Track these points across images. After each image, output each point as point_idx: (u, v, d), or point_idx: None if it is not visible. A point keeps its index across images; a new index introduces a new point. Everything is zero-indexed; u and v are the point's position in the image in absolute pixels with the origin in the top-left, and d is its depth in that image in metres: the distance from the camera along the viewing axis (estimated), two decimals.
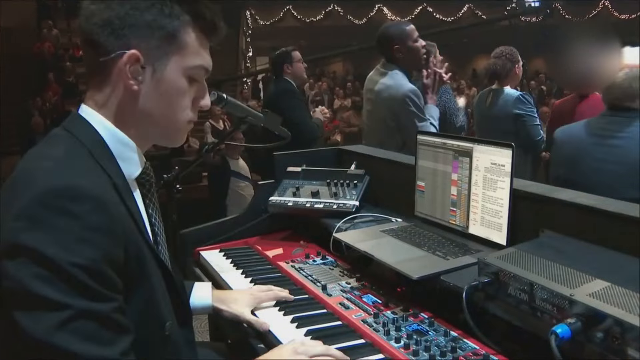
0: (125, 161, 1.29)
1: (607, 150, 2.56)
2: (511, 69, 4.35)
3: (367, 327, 1.62)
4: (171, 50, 1.27)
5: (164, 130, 1.35)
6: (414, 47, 3.67)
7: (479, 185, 1.91)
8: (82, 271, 1.05)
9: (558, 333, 1.20)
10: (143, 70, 1.25)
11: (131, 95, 1.27)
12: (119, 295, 1.13)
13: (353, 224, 2.28)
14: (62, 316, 1.03)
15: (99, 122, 1.27)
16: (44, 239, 1.04)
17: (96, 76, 1.28)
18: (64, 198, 1.07)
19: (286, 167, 2.64)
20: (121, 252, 1.15)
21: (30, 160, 1.20)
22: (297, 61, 4.77)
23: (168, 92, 1.29)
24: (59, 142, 1.24)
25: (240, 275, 2.12)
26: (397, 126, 3.54)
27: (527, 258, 1.49)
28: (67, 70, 15.53)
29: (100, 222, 1.10)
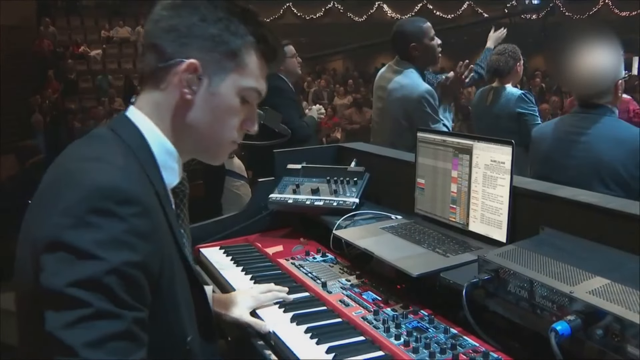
0: (167, 170, 1.29)
1: (575, 147, 2.58)
2: (513, 66, 4.34)
3: (367, 325, 1.62)
4: (230, 67, 1.29)
5: (207, 144, 1.35)
6: (431, 46, 3.66)
7: (479, 183, 1.91)
8: (114, 273, 1.03)
9: (558, 330, 1.20)
10: (199, 81, 1.26)
11: (183, 104, 1.27)
12: (144, 308, 1.10)
13: (353, 221, 2.28)
14: (80, 313, 1.01)
15: (147, 128, 1.27)
16: (85, 238, 1.04)
17: (152, 80, 1.29)
18: (110, 200, 1.07)
19: (286, 165, 2.64)
20: (158, 261, 1.14)
21: (75, 159, 1.20)
22: (290, 56, 4.57)
23: (219, 107, 1.30)
24: (105, 142, 1.24)
25: (240, 273, 2.12)
26: (410, 126, 3.49)
27: (527, 255, 1.49)
28: (68, 68, 15.52)
29: (144, 228, 1.09)
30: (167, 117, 1.28)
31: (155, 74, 1.28)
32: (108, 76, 16.05)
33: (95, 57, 16.98)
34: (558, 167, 2.63)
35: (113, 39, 17.89)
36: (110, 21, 18.17)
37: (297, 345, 1.56)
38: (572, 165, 2.56)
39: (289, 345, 1.57)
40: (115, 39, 17.88)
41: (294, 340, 1.59)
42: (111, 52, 17.59)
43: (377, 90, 3.87)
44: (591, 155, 2.51)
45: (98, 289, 1.02)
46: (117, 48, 17.75)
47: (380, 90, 3.78)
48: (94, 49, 17.24)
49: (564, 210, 1.68)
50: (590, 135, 2.54)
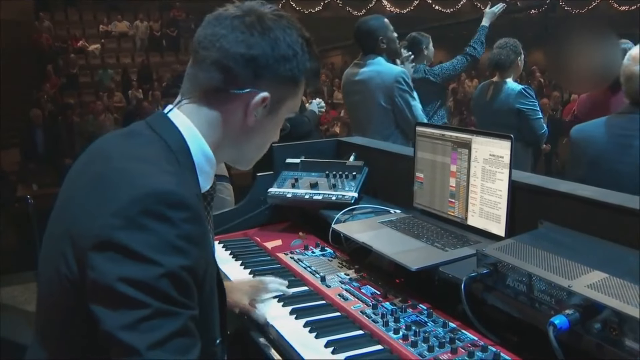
0: (202, 175, 1.29)
1: (627, 152, 2.42)
2: (514, 60, 4.34)
3: (365, 318, 1.63)
4: (289, 95, 1.33)
5: (249, 156, 1.40)
6: (394, 38, 4.05)
7: (478, 177, 1.91)
8: (167, 277, 1.05)
9: (556, 324, 1.20)
10: (264, 109, 1.29)
11: (242, 125, 1.29)
12: (196, 306, 1.12)
13: (352, 216, 2.28)
14: (139, 314, 1.02)
15: (189, 131, 1.27)
16: (137, 240, 1.04)
17: (213, 97, 1.27)
18: (164, 204, 1.07)
19: (285, 159, 2.64)
20: (203, 265, 1.15)
21: (122, 156, 1.19)
22: None
23: (272, 127, 1.36)
24: (150, 143, 1.24)
25: (239, 267, 2.12)
26: (392, 108, 3.86)
27: (526, 249, 1.50)
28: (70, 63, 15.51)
29: (194, 233, 1.10)
30: (218, 131, 1.29)
31: (220, 93, 1.27)
32: (108, 70, 16.04)
33: (94, 52, 16.97)
34: (609, 172, 2.47)
35: (111, 34, 17.87)
36: (109, 15, 18.13)
37: (296, 339, 1.57)
38: (624, 170, 2.41)
39: (287, 339, 1.58)
40: (114, 34, 17.86)
41: (293, 334, 1.60)
42: (110, 47, 17.57)
43: (349, 86, 4.15)
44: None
45: (152, 291, 1.03)
46: (115, 42, 17.74)
47: (354, 85, 4.07)
48: (93, 43, 17.22)
49: (562, 204, 1.68)
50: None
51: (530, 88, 4.42)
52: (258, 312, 1.72)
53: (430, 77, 4.76)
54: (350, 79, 4.12)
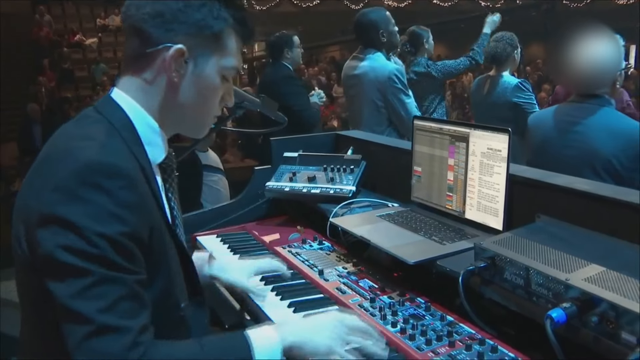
0: (151, 146, 1.34)
1: (571, 137, 2.57)
2: (510, 54, 4.33)
3: (363, 312, 1.63)
4: (213, 49, 1.35)
5: (192, 122, 1.43)
6: (394, 32, 4.02)
7: (476, 170, 1.91)
8: (109, 244, 1.11)
9: (553, 317, 1.21)
10: (185, 65, 1.32)
11: (170, 86, 1.33)
12: (142, 270, 1.18)
13: (350, 209, 2.28)
14: (85, 282, 1.08)
15: (131, 107, 1.33)
16: (77, 211, 1.10)
17: (136, 63, 1.33)
18: (100, 174, 1.13)
19: (283, 153, 2.64)
20: (146, 231, 1.21)
21: (65, 138, 1.25)
22: (296, 46, 4.71)
23: (204, 87, 1.37)
24: (93, 123, 1.29)
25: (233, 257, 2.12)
26: (385, 105, 3.85)
27: (523, 243, 1.50)
28: (64, 57, 15.45)
29: (131, 200, 1.16)
30: (154, 99, 1.34)
31: (140, 58, 1.32)
32: (100, 64, 15.98)
33: (91, 46, 16.92)
34: (553, 156, 2.62)
35: (109, 28, 17.81)
36: (106, 9, 18.08)
37: None
38: (566, 154, 2.56)
39: None
40: (111, 28, 17.80)
41: None
42: (107, 41, 17.52)
43: (346, 80, 4.15)
44: (585, 146, 2.50)
45: (95, 258, 1.09)
46: (112, 36, 17.68)
47: (351, 79, 4.06)
48: (90, 37, 17.17)
49: (560, 198, 1.68)
50: (585, 125, 2.54)
51: (526, 81, 4.41)
52: (257, 290, 1.75)
53: (433, 72, 4.78)
54: (348, 73, 4.12)
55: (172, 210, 1.44)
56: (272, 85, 4.60)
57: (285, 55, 4.66)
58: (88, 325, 1.07)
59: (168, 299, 1.30)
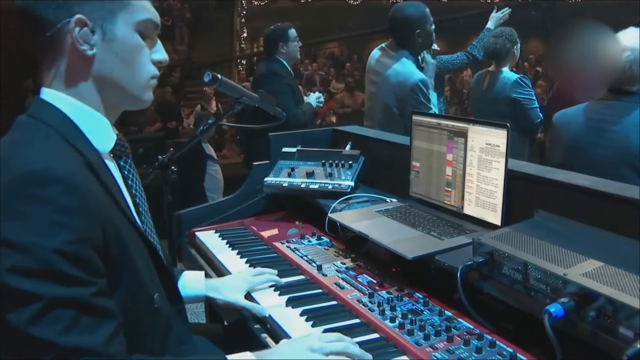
0: (96, 135, 1.26)
1: (605, 137, 2.50)
2: (510, 50, 4.33)
3: (362, 307, 1.63)
4: (115, 8, 1.25)
5: (128, 91, 1.31)
6: (431, 31, 3.62)
7: (474, 166, 1.91)
8: (59, 256, 1.03)
9: (551, 312, 1.21)
10: (93, 35, 1.23)
11: (86, 62, 1.24)
12: (99, 279, 1.11)
13: (348, 205, 2.28)
14: (37, 307, 1.01)
15: (62, 101, 1.24)
16: (15, 228, 1.02)
17: (46, 54, 1.25)
18: (31, 184, 1.05)
19: (281, 148, 2.64)
20: (99, 232, 1.13)
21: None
22: (292, 40, 4.53)
23: (124, 50, 1.27)
24: (24, 129, 1.22)
25: (235, 256, 2.12)
26: (401, 114, 3.50)
27: (522, 238, 1.50)
28: None
29: (72, 204, 1.07)
30: (77, 82, 1.25)
31: (46, 46, 1.24)
32: None
33: None
34: (585, 156, 2.55)
35: None
36: None
37: (293, 328, 1.57)
38: (600, 154, 2.49)
39: (284, 328, 1.58)
40: None
41: (290, 323, 1.60)
42: None
43: (370, 73, 3.80)
44: (624, 145, 2.43)
45: (45, 275, 1.02)
46: None
47: (374, 75, 3.73)
48: None
49: (558, 193, 1.68)
50: (622, 124, 2.46)
51: (526, 77, 4.41)
52: (257, 307, 1.71)
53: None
54: (375, 68, 3.74)
55: (133, 198, 1.37)
56: (259, 81, 4.46)
57: (280, 50, 4.49)
58: (53, 351, 1.01)
59: (138, 292, 1.24)
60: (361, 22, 16.82)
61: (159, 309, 1.31)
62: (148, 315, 1.28)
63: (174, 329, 1.40)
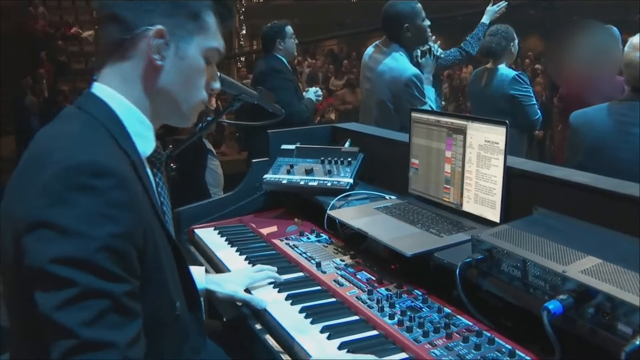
0: (140, 139, 1.29)
1: (629, 139, 2.41)
2: (506, 47, 4.32)
3: (361, 304, 1.63)
4: (194, 30, 1.31)
5: (179, 108, 1.36)
6: (423, 27, 3.65)
7: (473, 163, 1.91)
8: (101, 248, 1.04)
9: (550, 309, 1.21)
10: (167, 47, 1.27)
11: (153, 71, 1.28)
12: (134, 279, 1.11)
13: (347, 202, 2.28)
14: (70, 293, 1.01)
15: (115, 100, 1.27)
16: (66, 215, 1.03)
17: (116, 52, 1.28)
18: (86, 174, 1.06)
19: (280, 145, 2.64)
20: (141, 232, 1.14)
21: (47, 139, 1.18)
22: (289, 37, 4.55)
23: (188, 70, 1.32)
24: (74, 120, 1.23)
25: (235, 253, 2.12)
26: (396, 109, 3.53)
27: (521, 235, 1.50)
28: (59, 49, 15.38)
29: (123, 198, 1.09)
30: (137, 86, 1.29)
31: (118, 46, 1.27)
32: None
33: (88, 39, 16.83)
34: (608, 159, 2.47)
35: None
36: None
37: (292, 325, 1.57)
38: (624, 157, 2.41)
39: (283, 325, 1.58)
40: None
41: (289, 320, 1.60)
42: None
43: (365, 70, 3.85)
44: None
45: (85, 266, 1.02)
46: None
47: (369, 71, 3.77)
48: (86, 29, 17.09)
49: (557, 190, 1.68)
50: None
51: (524, 74, 4.42)
52: (256, 299, 1.72)
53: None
54: (369, 64, 3.78)
55: (161, 205, 1.39)
56: (261, 78, 4.47)
57: (278, 47, 4.52)
58: (72, 340, 1.00)
59: (163, 298, 1.25)
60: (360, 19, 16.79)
61: (179, 317, 1.31)
62: (168, 322, 1.28)
63: (190, 338, 1.40)
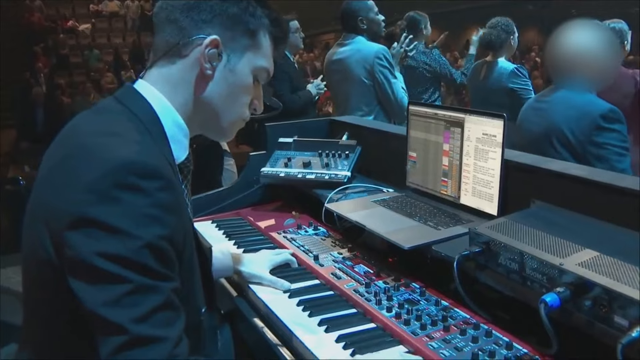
0: (176, 144, 1.29)
1: (539, 114, 2.59)
2: (506, 40, 4.33)
3: (359, 297, 1.63)
4: (247, 47, 1.33)
5: (219, 120, 1.37)
6: (376, 20, 4.13)
7: (471, 156, 1.91)
8: (147, 248, 1.05)
9: (547, 302, 1.21)
10: (219, 58, 1.29)
11: (202, 79, 1.30)
12: (178, 277, 1.12)
13: (345, 195, 2.28)
14: (120, 290, 1.02)
15: (157, 100, 1.28)
16: (112, 213, 1.04)
17: (167, 56, 1.29)
18: (135, 174, 1.07)
19: (278, 138, 2.64)
20: (181, 234, 1.15)
21: (89, 133, 1.17)
22: (293, 31, 4.62)
23: (236, 83, 1.34)
24: (117, 116, 1.23)
25: (232, 246, 2.12)
26: (373, 82, 3.97)
27: (518, 228, 1.50)
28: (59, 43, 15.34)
29: (169, 201, 1.10)
30: (182, 92, 1.30)
31: (172, 50, 1.29)
32: (95, 51, 15.84)
33: (84, 32, 16.79)
34: (524, 133, 2.67)
35: (102, 13, 17.67)
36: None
37: (290, 318, 1.57)
38: (535, 131, 2.57)
39: (281, 318, 1.58)
40: (105, 13, 17.67)
41: (287, 313, 1.60)
42: (100, 27, 17.39)
43: (330, 66, 4.25)
44: (548, 120, 2.50)
45: (132, 265, 1.03)
46: (106, 22, 17.55)
47: (334, 65, 4.18)
48: (83, 23, 17.04)
49: (554, 183, 1.68)
50: (549, 102, 2.56)
51: (523, 67, 4.42)
52: (281, 280, 1.76)
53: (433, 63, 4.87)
54: (331, 59, 4.23)
55: (190, 213, 1.40)
56: None
57: None
58: (122, 336, 1.00)
59: (191, 302, 1.25)
60: None
61: (202, 323, 1.33)
62: (193, 328, 1.27)
63: (205, 346, 1.40)
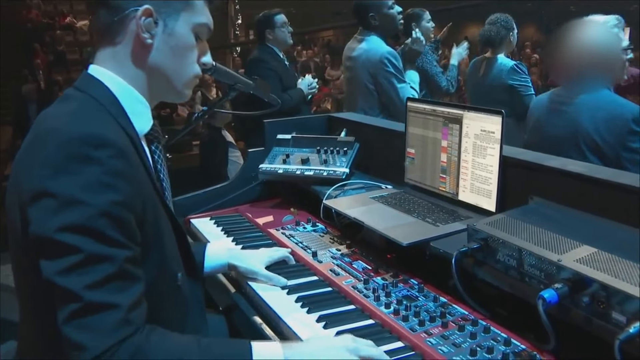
0: (137, 117, 1.34)
1: (560, 117, 2.57)
2: (505, 36, 4.32)
3: (357, 293, 1.63)
4: (181, 7, 1.36)
5: (172, 84, 1.41)
6: (390, 14, 3.90)
7: (469, 152, 1.91)
8: (102, 215, 1.10)
9: (545, 298, 1.21)
10: (155, 25, 1.33)
11: (144, 49, 1.33)
12: (135, 245, 1.17)
13: (343, 191, 2.28)
14: (74, 259, 1.07)
15: (111, 80, 1.32)
16: (67, 184, 1.09)
17: (108, 35, 1.33)
18: (87, 145, 1.12)
19: (276, 135, 2.63)
20: (140, 202, 1.20)
21: (48, 118, 1.23)
22: (279, 26, 4.46)
23: (178, 46, 1.37)
24: (74, 100, 1.28)
25: (231, 243, 2.12)
26: (376, 89, 3.79)
27: (516, 224, 1.50)
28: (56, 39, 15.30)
29: (122, 168, 1.15)
30: (130, 66, 1.35)
31: (110, 28, 1.33)
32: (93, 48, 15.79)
33: (82, 28, 16.73)
34: (545, 136, 2.62)
35: None
36: None
37: (288, 314, 1.57)
38: (556, 134, 2.54)
39: (279, 314, 1.58)
40: None
41: (285, 309, 1.60)
42: None
43: (345, 61, 4.11)
44: (571, 125, 2.47)
45: (88, 232, 1.08)
46: None
47: (348, 61, 4.02)
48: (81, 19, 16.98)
49: (553, 180, 1.68)
50: (574, 105, 2.51)
51: (522, 64, 4.41)
52: (277, 277, 1.76)
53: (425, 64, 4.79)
54: (347, 54, 4.06)
55: (161, 182, 1.44)
56: (247, 69, 4.54)
57: (268, 36, 4.45)
58: (76, 302, 1.06)
59: (164, 269, 1.31)
60: None
61: (180, 288, 1.38)
62: (170, 293, 1.35)
63: (189, 315, 1.44)
